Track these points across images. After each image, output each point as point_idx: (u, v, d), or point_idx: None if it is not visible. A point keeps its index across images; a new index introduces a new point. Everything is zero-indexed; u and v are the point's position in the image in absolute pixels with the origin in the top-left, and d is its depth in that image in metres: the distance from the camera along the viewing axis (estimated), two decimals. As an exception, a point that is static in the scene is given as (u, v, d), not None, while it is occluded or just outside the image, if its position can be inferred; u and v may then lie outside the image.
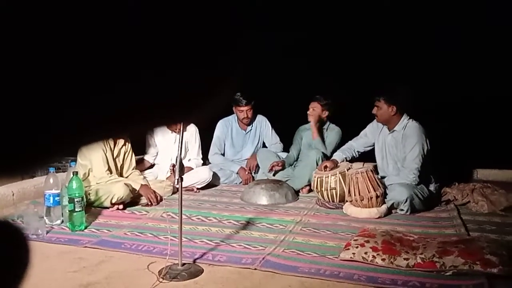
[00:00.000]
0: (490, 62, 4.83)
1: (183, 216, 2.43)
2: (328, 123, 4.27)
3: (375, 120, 3.69)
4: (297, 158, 4.39)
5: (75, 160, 3.53)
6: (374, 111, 3.56)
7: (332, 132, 4.24)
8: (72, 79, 0.23)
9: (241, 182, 4.47)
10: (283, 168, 4.20)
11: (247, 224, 3.07)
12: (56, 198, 3.01)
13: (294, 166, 4.31)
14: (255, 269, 2.30)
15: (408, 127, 3.50)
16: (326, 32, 5.15)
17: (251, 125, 4.67)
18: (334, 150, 4.06)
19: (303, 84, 4.86)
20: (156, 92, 0.25)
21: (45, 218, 2.97)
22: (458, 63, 4.93)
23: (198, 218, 3.21)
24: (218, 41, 0.25)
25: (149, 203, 3.53)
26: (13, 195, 3.48)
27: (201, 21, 0.24)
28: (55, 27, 0.22)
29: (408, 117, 3.54)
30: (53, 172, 3.08)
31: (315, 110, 4.16)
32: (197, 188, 4.11)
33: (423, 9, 4.90)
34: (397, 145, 3.55)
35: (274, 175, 4.21)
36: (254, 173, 4.48)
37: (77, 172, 3.00)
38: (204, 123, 3.97)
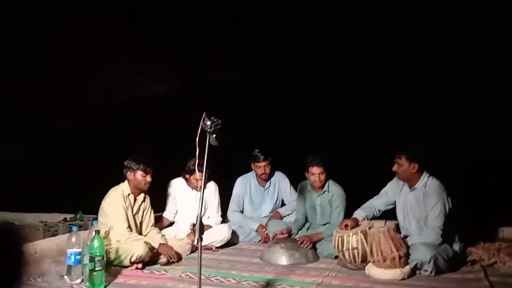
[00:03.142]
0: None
1: (202, 277, 2.41)
2: (328, 181, 4.11)
3: (395, 178, 3.67)
4: (306, 219, 4.31)
5: (97, 219, 3.58)
6: (395, 168, 3.55)
7: (335, 195, 4.06)
8: None
9: (260, 240, 4.43)
10: (290, 235, 4.12)
11: (267, 285, 3.02)
12: (78, 257, 3.03)
13: (307, 229, 4.23)
14: (276, 333, 2.25)
15: (428, 185, 3.47)
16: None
17: (269, 182, 4.69)
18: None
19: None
20: None
21: (65, 277, 2.98)
22: (485, 117, 4.91)
23: (217, 279, 3.17)
24: None
25: (170, 260, 3.52)
26: (35, 253, 3.51)
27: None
28: None
29: (428, 175, 3.52)
30: (75, 230, 3.13)
31: (322, 175, 4.00)
32: (216, 247, 4.08)
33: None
34: (418, 203, 3.50)
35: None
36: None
37: (99, 231, 3.03)
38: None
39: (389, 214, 3.89)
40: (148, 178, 3.67)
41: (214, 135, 2.43)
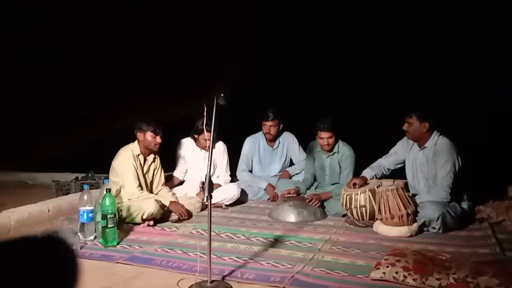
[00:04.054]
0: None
1: (212, 233, 2.45)
2: (338, 142, 4.12)
3: (404, 138, 3.64)
4: (314, 179, 4.34)
5: (108, 178, 3.63)
6: (405, 127, 3.52)
7: (344, 156, 4.08)
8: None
9: (269, 198, 4.48)
10: (298, 193, 4.15)
11: (276, 241, 3.08)
12: (90, 215, 3.09)
13: (316, 188, 4.28)
14: (284, 287, 2.30)
15: (438, 143, 3.44)
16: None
17: (278, 142, 4.70)
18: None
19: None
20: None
21: (79, 234, 3.06)
22: (490, 75, 4.81)
23: (227, 235, 3.23)
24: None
25: (180, 218, 3.59)
26: (49, 211, 3.60)
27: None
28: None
29: (439, 133, 3.49)
30: (87, 189, 3.18)
31: (331, 139, 4.01)
32: (226, 205, 4.14)
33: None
34: (428, 162, 3.49)
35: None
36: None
37: (110, 189, 3.08)
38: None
39: (398, 173, 3.89)
40: (158, 139, 3.69)
41: (222, 94, 2.40)
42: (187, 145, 4.41)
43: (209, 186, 2.34)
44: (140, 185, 3.66)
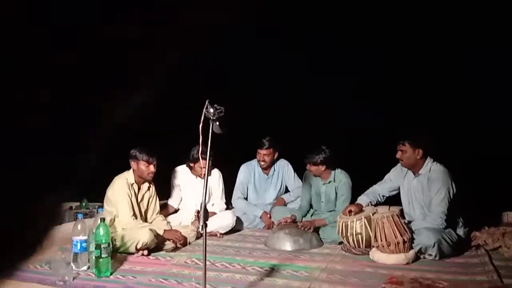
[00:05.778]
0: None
1: (207, 263, 2.43)
2: (333, 171, 4.13)
3: (398, 164, 3.66)
4: (310, 206, 4.35)
5: (103, 206, 3.60)
6: (399, 155, 3.53)
7: (341, 183, 4.09)
8: None
9: (264, 226, 4.45)
10: (295, 221, 4.13)
11: (272, 271, 3.04)
12: (83, 245, 3.05)
13: (312, 215, 4.27)
14: (281, 318, 2.27)
15: (433, 170, 3.46)
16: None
17: (273, 169, 4.70)
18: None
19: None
20: None
21: (72, 264, 3.01)
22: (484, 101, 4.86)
23: (222, 265, 3.20)
24: None
25: (177, 243, 3.56)
26: (42, 241, 3.54)
27: None
28: None
29: (432, 160, 3.51)
30: (81, 218, 3.15)
31: (318, 170, 4.07)
32: (221, 233, 4.10)
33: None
34: (423, 189, 3.49)
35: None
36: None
37: (104, 219, 3.05)
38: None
39: (393, 200, 3.89)
40: (152, 168, 3.68)
41: (218, 123, 2.42)
42: (182, 173, 4.40)
43: (204, 214, 2.33)
44: (134, 214, 3.63)
